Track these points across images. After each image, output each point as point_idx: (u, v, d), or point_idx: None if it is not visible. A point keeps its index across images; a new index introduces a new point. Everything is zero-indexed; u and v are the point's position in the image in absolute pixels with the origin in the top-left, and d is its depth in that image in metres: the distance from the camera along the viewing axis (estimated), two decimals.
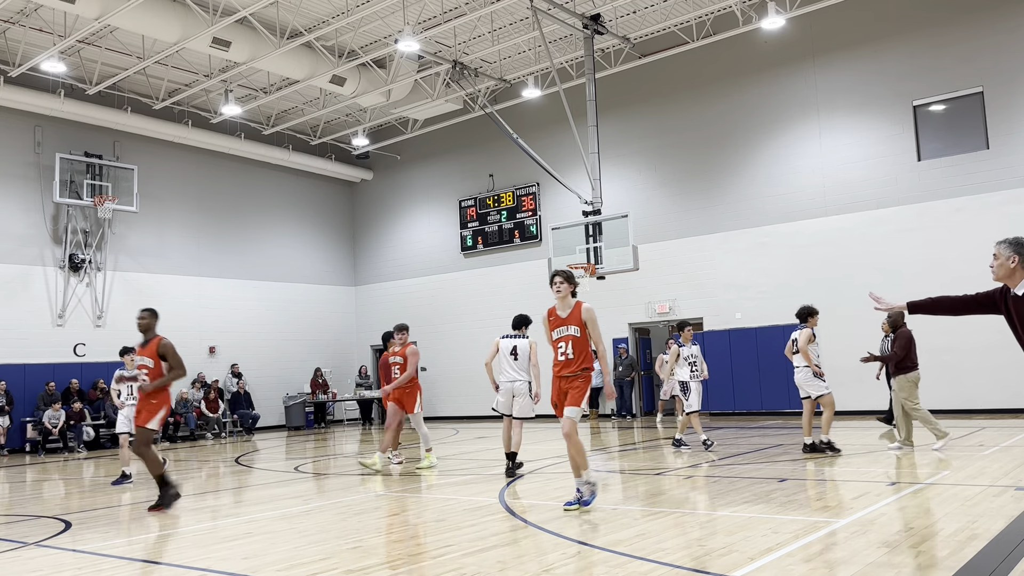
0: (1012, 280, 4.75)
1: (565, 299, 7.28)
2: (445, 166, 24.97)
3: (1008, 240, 4.79)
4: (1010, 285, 4.78)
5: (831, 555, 5.18)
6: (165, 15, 16.20)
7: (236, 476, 12.37)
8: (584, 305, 7.20)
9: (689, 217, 20.13)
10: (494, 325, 23.44)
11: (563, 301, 7.29)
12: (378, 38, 19.16)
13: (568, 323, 7.22)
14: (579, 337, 7.16)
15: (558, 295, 7.28)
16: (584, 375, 7.18)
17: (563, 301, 7.29)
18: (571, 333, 7.20)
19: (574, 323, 7.19)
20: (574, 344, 7.17)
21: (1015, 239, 4.78)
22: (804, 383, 10.86)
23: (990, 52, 16.49)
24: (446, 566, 5.32)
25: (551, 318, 7.34)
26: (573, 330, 7.19)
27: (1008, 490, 7.22)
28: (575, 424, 7.17)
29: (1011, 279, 4.75)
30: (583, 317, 7.17)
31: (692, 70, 20.13)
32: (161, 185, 22.21)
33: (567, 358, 7.17)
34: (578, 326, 7.17)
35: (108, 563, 5.99)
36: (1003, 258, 4.75)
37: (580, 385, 7.17)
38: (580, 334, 7.16)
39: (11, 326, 19.12)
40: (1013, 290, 4.76)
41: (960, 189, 16.66)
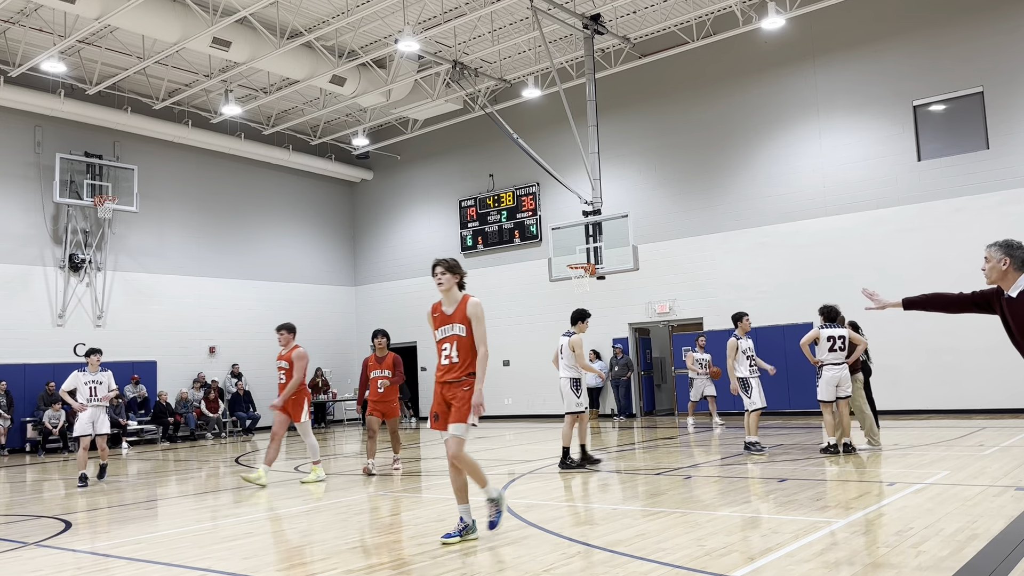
0: (1005, 282, 4.76)
1: (450, 292, 6.28)
2: (445, 166, 24.98)
3: (998, 243, 4.81)
4: (1003, 287, 4.79)
5: (831, 555, 5.18)
6: (165, 15, 16.21)
7: (236, 476, 12.36)
8: (471, 300, 6.23)
9: (689, 217, 20.13)
10: (494, 325, 23.41)
11: (448, 295, 6.29)
12: (378, 38, 19.16)
13: (453, 321, 6.20)
14: (465, 337, 6.12)
15: (440, 288, 6.28)
16: (470, 382, 6.09)
17: (448, 295, 6.29)
18: (456, 333, 6.16)
19: (460, 321, 6.17)
20: (459, 345, 6.12)
21: (1005, 241, 4.80)
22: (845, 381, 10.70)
23: (990, 52, 16.49)
24: (446, 566, 5.32)
25: (435, 315, 6.35)
26: (459, 329, 6.15)
27: (1008, 490, 7.22)
28: (462, 443, 6.03)
29: (1003, 281, 4.77)
30: (469, 313, 6.16)
31: (692, 70, 20.13)
32: (161, 185, 22.22)
33: (451, 362, 6.13)
34: (464, 324, 6.15)
35: (108, 563, 5.99)
36: (994, 260, 4.77)
37: (466, 395, 6.05)
38: (467, 334, 6.13)
39: (11, 326, 19.13)
40: (1007, 292, 4.77)
41: (960, 189, 16.66)
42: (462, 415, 6.00)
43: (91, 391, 11.52)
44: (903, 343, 16.57)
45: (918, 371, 16.74)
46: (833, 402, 10.65)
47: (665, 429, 16.84)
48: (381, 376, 10.69)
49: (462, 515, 6.11)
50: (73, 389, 11.46)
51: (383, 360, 10.80)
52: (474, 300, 6.23)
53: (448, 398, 6.12)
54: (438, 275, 6.29)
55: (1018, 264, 4.73)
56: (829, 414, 10.63)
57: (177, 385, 21.46)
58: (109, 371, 11.84)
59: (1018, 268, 4.73)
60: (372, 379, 10.77)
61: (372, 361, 10.92)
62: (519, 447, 14.42)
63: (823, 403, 10.70)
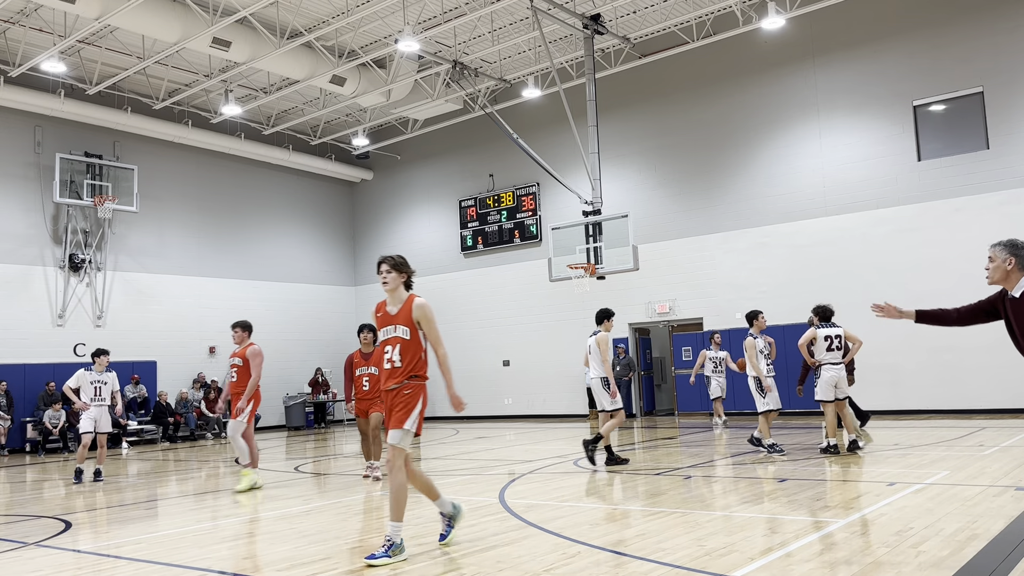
0: (1008, 282, 4.74)
1: (395, 292, 5.88)
2: (445, 166, 24.98)
3: (1003, 242, 4.77)
4: (1007, 287, 4.76)
5: (831, 555, 5.18)
6: (165, 15, 16.21)
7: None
8: (417, 300, 5.82)
9: (689, 217, 20.13)
10: (494, 325, 23.49)
11: (392, 295, 5.89)
12: (378, 38, 19.16)
13: (396, 322, 5.79)
14: (408, 340, 5.74)
15: (385, 287, 5.88)
16: (413, 386, 5.73)
17: (392, 295, 5.89)
18: (399, 335, 5.76)
19: (403, 323, 5.77)
20: (401, 349, 5.73)
21: (1010, 241, 4.77)
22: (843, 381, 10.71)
23: (990, 52, 16.49)
24: (446, 566, 5.32)
25: (378, 315, 5.98)
26: (401, 331, 5.76)
27: (1008, 490, 7.22)
28: (401, 452, 5.67)
29: (1007, 281, 4.73)
30: (414, 315, 5.76)
31: (692, 70, 20.13)
32: (161, 185, 22.22)
33: (392, 366, 5.75)
34: (407, 326, 5.75)
35: (108, 563, 5.99)
36: (999, 260, 4.73)
37: (406, 400, 5.69)
38: (410, 336, 5.74)
39: (11, 326, 19.13)
40: (1010, 292, 4.75)
41: (960, 189, 16.66)
42: (399, 420, 5.64)
43: (96, 391, 11.66)
44: (903, 343, 16.57)
45: (918, 371, 16.74)
46: (832, 402, 10.63)
47: (665, 429, 16.84)
48: (367, 373, 10.14)
49: (387, 536, 5.59)
50: (78, 387, 11.60)
51: (369, 356, 10.22)
52: (420, 301, 5.83)
53: (390, 404, 5.76)
54: (383, 273, 5.88)
55: (1022, 263, 4.69)
56: (831, 414, 10.61)
57: (177, 385, 21.46)
58: (114, 372, 11.99)
59: (1022, 268, 4.69)
60: (357, 377, 10.25)
61: (358, 357, 10.36)
62: (519, 447, 14.42)
63: (823, 403, 10.68)
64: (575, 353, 21.75)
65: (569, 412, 21.90)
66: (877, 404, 15.54)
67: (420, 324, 5.77)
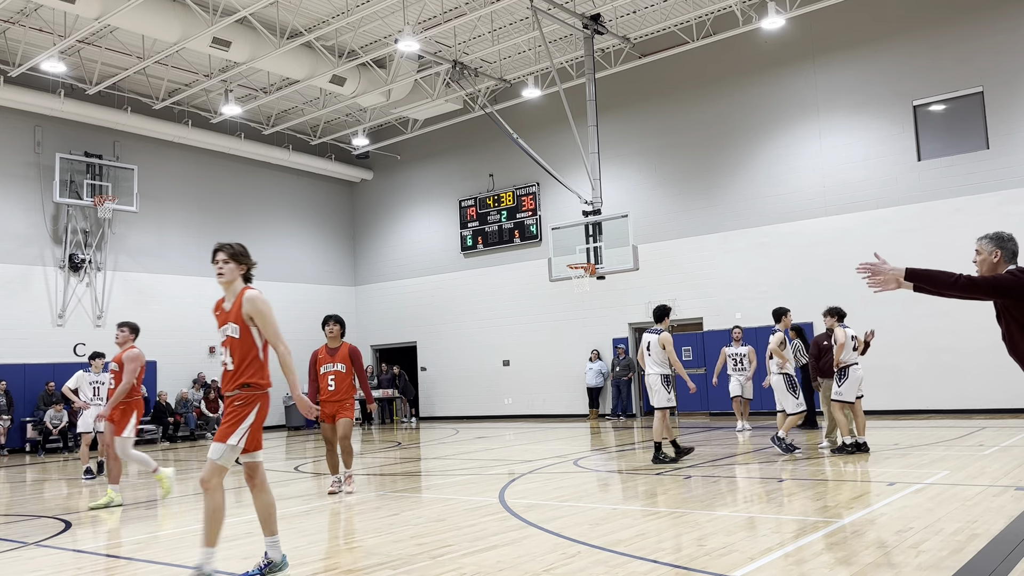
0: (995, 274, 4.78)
1: (231, 286, 5.15)
2: (445, 166, 24.98)
3: (989, 235, 4.83)
4: None
5: (831, 555, 5.18)
6: (165, 15, 16.20)
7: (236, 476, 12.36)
8: (248, 293, 5.07)
9: (689, 217, 20.13)
10: (494, 325, 23.49)
11: (228, 288, 5.16)
12: (378, 38, 19.16)
13: (229, 319, 5.11)
14: (239, 340, 5.03)
15: (221, 279, 5.17)
16: (246, 395, 5.02)
17: (228, 288, 5.16)
18: (229, 334, 5.09)
19: (234, 319, 5.06)
20: (232, 349, 5.06)
21: (996, 234, 4.82)
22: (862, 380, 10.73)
23: (990, 52, 16.48)
24: (446, 566, 5.32)
25: (216, 312, 5.30)
26: (232, 330, 5.07)
27: (1008, 490, 7.22)
28: (217, 469, 4.91)
29: (994, 273, 4.79)
30: (244, 310, 5.03)
31: (692, 70, 20.13)
32: (161, 185, 22.21)
33: (225, 369, 5.12)
34: (239, 324, 5.04)
35: (108, 563, 5.99)
36: (985, 253, 4.81)
37: (236, 412, 4.97)
38: (240, 335, 5.03)
39: (11, 326, 19.13)
40: None
41: (960, 189, 16.66)
42: (224, 433, 4.93)
43: (94, 391, 11.87)
44: (903, 343, 16.57)
45: (918, 371, 16.74)
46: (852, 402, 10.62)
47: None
48: (333, 371, 9.07)
49: (268, 549, 5.10)
50: (76, 388, 11.83)
51: (336, 352, 9.15)
52: (251, 294, 5.08)
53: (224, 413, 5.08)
54: (219, 263, 5.12)
55: (1009, 256, 4.76)
56: (841, 414, 10.60)
57: (177, 385, 21.46)
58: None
59: (1009, 260, 4.76)
60: (322, 375, 9.08)
61: (323, 353, 9.21)
62: (519, 447, 14.42)
63: (843, 403, 10.56)
64: (575, 353, 21.78)
65: (569, 412, 21.90)
66: (877, 404, 15.54)
67: (253, 320, 5.04)
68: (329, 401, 9.05)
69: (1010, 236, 4.81)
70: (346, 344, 9.25)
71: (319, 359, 9.19)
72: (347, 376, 9.03)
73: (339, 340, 9.25)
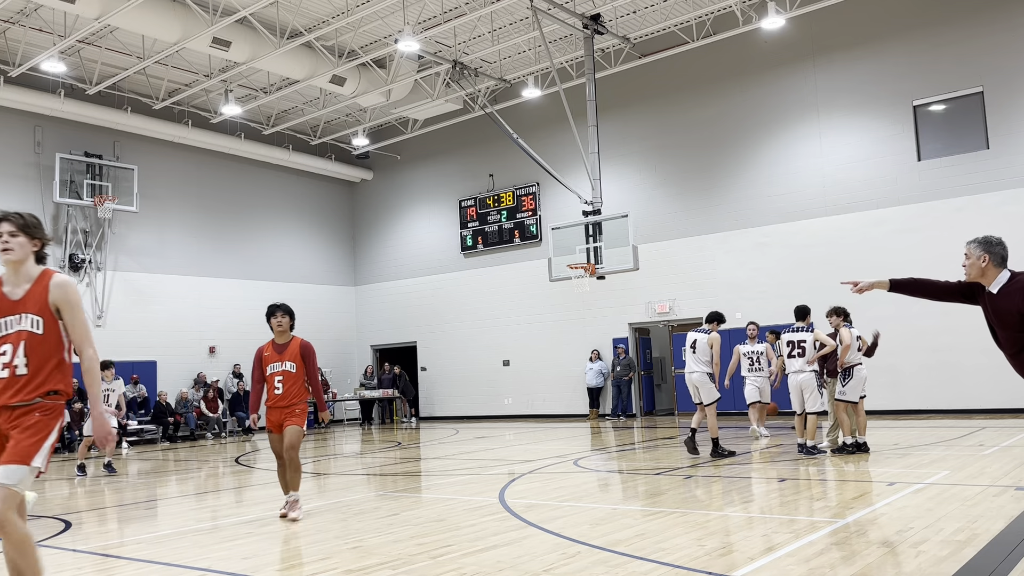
0: (985, 279, 4.83)
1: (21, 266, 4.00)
2: (445, 166, 24.98)
3: (977, 239, 4.86)
4: (984, 283, 4.85)
5: (831, 555, 5.18)
6: (165, 15, 16.21)
7: (236, 476, 12.37)
8: (57, 278, 4.03)
9: (689, 217, 20.13)
10: (494, 325, 23.49)
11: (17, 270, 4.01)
12: (378, 38, 19.16)
13: (22, 309, 3.97)
14: (41, 335, 3.97)
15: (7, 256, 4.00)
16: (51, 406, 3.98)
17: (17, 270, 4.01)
18: (26, 328, 3.96)
19: (33, 309, 3.97)
20: (29, 347, 3.95)
21: (984, 238, 4.85)
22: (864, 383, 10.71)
23: (990, 52, 16.48)
24: (446, 566, 5.32)
25: None
26: (30, 322, 3.96)
27: (1008, 490, 7.22)
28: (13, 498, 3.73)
29: (984, 277, 4.83)
30: (52, 299, 3.98)
31: (692, 70, 20.13)
32: (161, 185, 22.21)
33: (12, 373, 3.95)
34: (40, 315, 3.96)
35: (108, 563, 5.99)
36: (974, 257, 4.83)
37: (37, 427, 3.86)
38: (43, 329, 3.97)
39: None
40: (988, 287, 4.82)
41: (960, 189, 16.66)
42: (19, 453, 3.77)
43: (104, 398, 12.07)
44: (903, 343, 16.56)
45: (918, 371, 16.74)
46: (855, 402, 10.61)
47: (665, 429, 16.83)
48: (281, 371, 7.64)
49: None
50: None
51: (285, 349, 7.73)
52: (62, 278, 4.04)
53: (5, 427, 3.87)
54: (4, 237, 3.94)
55: (998, 260, 4.78)
56: (844, 414, 10.59)
57: (177, 385, 21.46)
58: (120, 379, 12.29)
59: (998, 264, 4.79)
60: (268, 376, 7.69)
61: (269, 350, 7.77)
62: (519, 447, 14.42)
63: (847, 403, 10.55)
64: (575, 353, 21.78)
65: (569, 412, 21.90)
66: (877, 404, 15.53)
67: (60, 312, 4.01)
68: (276, 407, 7.64)
69: (999, 240, 4.84)
70: (297, 339, 7.81)
71: (264, 357, 7.76)
72: (297, 377, 7.68)
73: (288, 335, 7.82)
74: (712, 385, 11.17)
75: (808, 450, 10.57)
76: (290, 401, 7.62)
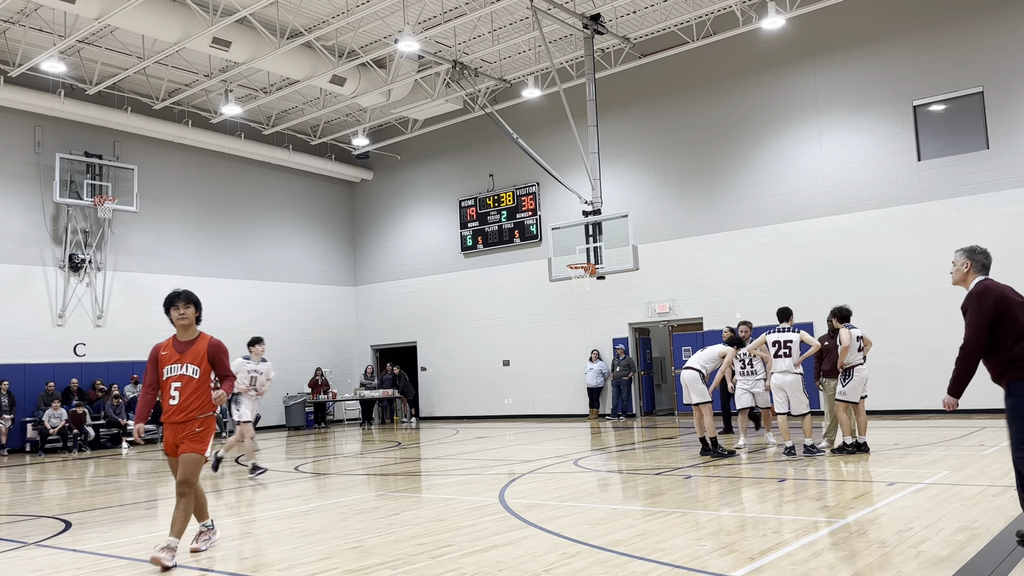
0: (966, 283, 5.44)
1: None
2: (445, 166, 24.98)
3: (963, 248, 5.48)
4: (964, 287, 5.47)
5: (831, 555, 5.18)
6: (165, 15, 16.20)
7: (236, 476, 12.36)
8: None
9: (689, 217, 20.13)
10: (494, 325, 23.49)
11: None
12: (378, 38, 19.16)
13: None
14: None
15: None
16: None
17: None
18: None
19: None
20: None
21: (969, 247, 5.45)
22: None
23: (990, 52, 16.48)
24: (446, 566, 5.32)
25: None
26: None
27: (1008, 490, 7.22)
28: None
29: (964, 282, 5.43)
30: None
31: (692, 70, 20.13)
32: (161, 185, 22.22)
33: None
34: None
35: (108, 563, 5.99)
36: (959, 264, 5.43)
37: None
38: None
39: (11, 326, 19.12)
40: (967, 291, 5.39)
41: (960, 189, 16.66)
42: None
43: (251, 380, 11.29)
44: (903, 343, 16.57)
45: (918, 371, 16.73)
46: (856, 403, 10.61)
47: (665, 429, 16.83)
48: (179, 375, 6.13)
49: None
50: None
51: (188, 348, 6.25)
52: None
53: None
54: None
55: (978, 268, 5.36)
56: (845, 414, 10.58)
57: None
58: (269, 363, 11.58)
59: (977, 271, 5.35)
60: (165, 381, 6.15)
61: (168, 348, 6.26)
62: (519, 447, 14.42)
63: (847, 403, 10.54)
64: (575, 353, 21.78)
65: (569, 412, 21.90)
66: (877, 404, 15.51)
67: None
68: (170, 422, 6.08)
69: (983, 250, 5.40)
70: (205, 337, 6.38)
71: (161, 357, 6.21)
72: (200, 384, 6.14)
73: (194, 330, 6.34)
74: (702, 386, 11.35)
75: (811, 450, 10.61)
76: (188, 415, 6.03)
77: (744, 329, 12.74)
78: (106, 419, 19.14)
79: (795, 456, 10.51)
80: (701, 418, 11.26)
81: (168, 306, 6.33)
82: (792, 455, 10.57)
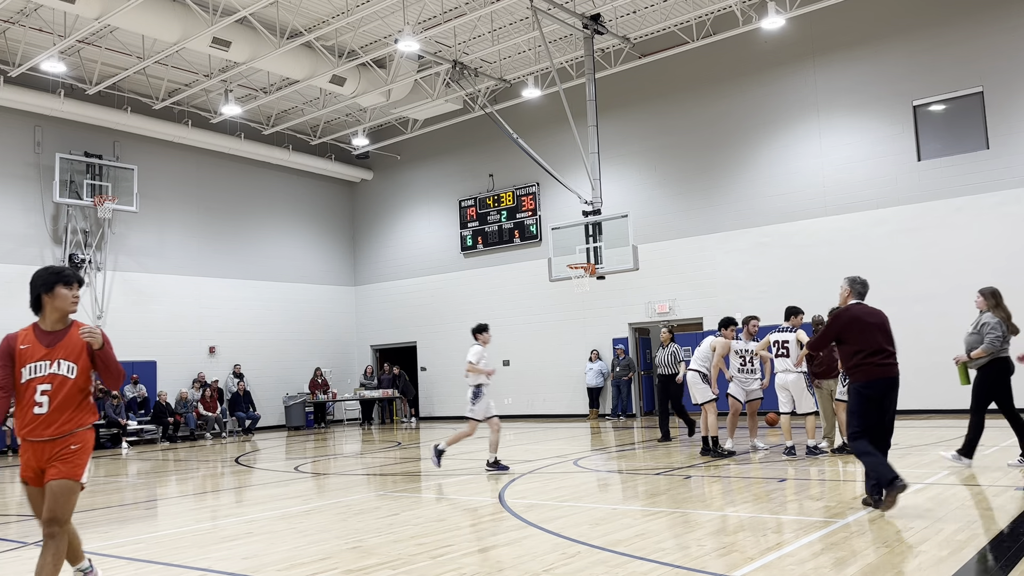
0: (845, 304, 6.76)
1: None
2: (445, 166, 24.98)
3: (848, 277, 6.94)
4: None
5: (831, 555, 5.18)
6: (165, 15, 16.20)
7: (236, 476, 12.36)
8: None
9: (689, 217, 20.13)
10: (494, 325, 23.38)
11: None
12: (378, 38, 19.16)
13: None
14: None
15: None
16: None
17: None
18: None
19: None
20: None
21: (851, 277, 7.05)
22: None
23: (990, 52, 16.49)
24: (446, 566, 5.32)
25: None
26: None
27: (1008, 490, 7.22)
28: None
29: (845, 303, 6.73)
30: None
31: (692, 70, 20.13)
32: (161, 185, 22.22)
33: None
34: None
35: (108, 563, 5.99)
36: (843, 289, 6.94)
37: None
38: None
39: (11, 326, 18.86)
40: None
41: (960, 189, 16.66)
42: None
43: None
44: (902, 343, 16.48)
45: (917, 371, 16.71)
46: None
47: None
48: (48, 376, 4.54)
49: None
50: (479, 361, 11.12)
51: (60, 339, 4.74)
52: None
53: None
54: None
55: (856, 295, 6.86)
56: (845, 414, 10.58)
57: (177, 385, 21.45)
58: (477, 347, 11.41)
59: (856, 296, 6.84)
60: (27, 383, 4.53)
61: (29, 340, 4.79)
62: (519, 447, 14.42)
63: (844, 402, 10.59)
64: (575, 353, 21.78)
65: (569, 412, 21.90)
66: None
67: None
68: (34, 440, 4.43)
69: (863, 280, 7.00)
70: (78, 324, 4.86)
71: (20, 352, 4.69)
72: (77, 386, 4.58)
73: (63, 321, 4.84)
74: (704, 385, 11.34)
75: (814, 450, 10.63)
76: (59, 430, 4.40)
77: (753, 324, 12.17)
78: (106, 419, 19.13)
79: (795, 456, 10.52)
80: (706, 417, 11.27)
81: (52, 286, 4.81)
82: (792, 455, 10.57)
